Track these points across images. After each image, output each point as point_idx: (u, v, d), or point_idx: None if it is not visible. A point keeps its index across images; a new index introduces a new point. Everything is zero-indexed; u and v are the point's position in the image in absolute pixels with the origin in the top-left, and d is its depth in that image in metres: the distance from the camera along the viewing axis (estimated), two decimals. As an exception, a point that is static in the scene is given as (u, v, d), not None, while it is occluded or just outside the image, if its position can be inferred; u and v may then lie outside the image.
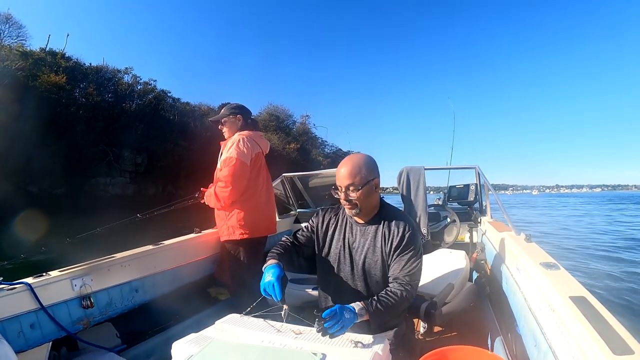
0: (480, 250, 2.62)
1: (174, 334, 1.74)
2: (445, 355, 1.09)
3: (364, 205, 1.34)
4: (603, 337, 0.79)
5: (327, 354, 0.99)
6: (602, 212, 22.34)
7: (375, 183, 1.35)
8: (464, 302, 1.97)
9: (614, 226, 13.30)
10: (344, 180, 1.32)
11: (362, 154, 1.38)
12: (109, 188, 20.25)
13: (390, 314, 1.24)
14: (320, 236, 1.47)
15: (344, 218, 1.45)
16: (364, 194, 1.31)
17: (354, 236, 1.41)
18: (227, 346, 1.08)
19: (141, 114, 22.80)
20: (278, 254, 1.35)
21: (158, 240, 2.11)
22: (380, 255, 1.35)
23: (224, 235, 2.16)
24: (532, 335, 1.20)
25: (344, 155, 37.87)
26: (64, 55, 21.80)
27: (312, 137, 43.98)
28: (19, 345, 1.35)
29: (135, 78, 24.47)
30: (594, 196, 78.02)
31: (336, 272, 1.43)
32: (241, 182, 2.07)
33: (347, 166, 1.32)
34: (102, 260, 1.72)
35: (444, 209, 3.30)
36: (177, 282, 2.09)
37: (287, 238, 1.50)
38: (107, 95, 22.55)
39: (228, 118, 2.25)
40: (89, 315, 1.61)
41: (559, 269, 1.28)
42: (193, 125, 25.21)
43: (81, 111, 19.53)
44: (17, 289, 1.38)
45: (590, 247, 8.32)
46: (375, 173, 1.35)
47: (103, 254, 1.80)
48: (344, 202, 1.35)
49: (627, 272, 5.83)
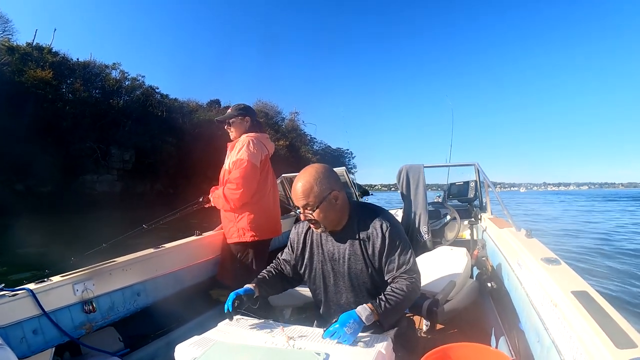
0: (481, 247, 2.62)
1: (176, 337, 1.74)
2: (448, 353, 1.09)
3: (327, 222, 1.29)
4: (606, 331, 0.79)
5: (331, 354, 0.99)
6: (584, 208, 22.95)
7: (334, 196, 1.27)
8: (466, 299, 1.97)
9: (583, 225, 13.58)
10: (298, 200, 1.27)
11: (314, 166, 1.30)
12: (96, 186, 19.88)
13: (400, 310, 1.24)
14: (298, 253, 1.43)
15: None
16: (324, 211, 1.25)
17: (333, 247, 1.35)
18: (231, 348, 1.08)
19: (129, 110, 22.51)
20: (261, 279, 1.40)
21: (156, 243, 2.10)
22: (363, 262, 1.30)
23: (233, 237, 2.14)
24: (535, 331, 1.20)
25: (332, 152, 37.73)
26: (51, 50, 21.47)
27: (301, 133, 43.98)
28: (22, 352, 1.35)
29: (123, 74, 24.11)
30: (579, 194, 79.98)
31: (323, 286, 1.40)
32: (252, 184, 2.07)
33: (299, 186, 1.25)
34: (103, 265, 1.72)
35: (444, 207, 3.30)
36: (179, 285, 2.09)
37: (274, 264, 1.51)
38: (94, 91, 22.26)
39: (236, 119, 2.23)
40: (91, 320, 1.60)
41: (560, 264, 1.28)
42: (181, 121, 25.02)
43: (68, 107, 19.25)
44: (19, 295, 1.38)
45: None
46: (331, 185, 1.26)
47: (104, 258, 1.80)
48: (307, 221, 1.32)
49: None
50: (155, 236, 2.47)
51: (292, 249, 1.47)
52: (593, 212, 20.10)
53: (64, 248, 3.66)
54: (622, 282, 4.95)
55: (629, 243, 8.37)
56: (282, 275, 1.47)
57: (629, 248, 7.65)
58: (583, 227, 11.82)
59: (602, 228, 11.70)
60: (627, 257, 6.64)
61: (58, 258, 1.98)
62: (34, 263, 5.83)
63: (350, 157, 51.26)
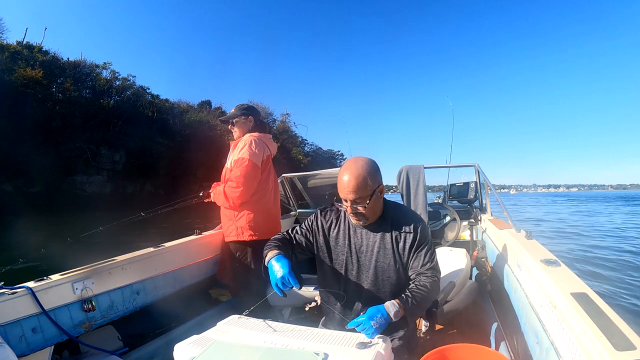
0: (480, 248, 2.62)
1: (175, 336, 1.74)
2: (447, 354, 1.09)
3: (371, 214, 1.30)
4: (605, 333, 0.79)
5: (330, 354, 0.99)
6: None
7: (381, 190, 1.30)
8: (466, 300, 1.97)
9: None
10: (349, 194, 1.24)
11: (363, 160, 1.29)
12: (86, 187, 19.64)
13: (424, 307, 1.25)
14: (320, 241, 1.41)
15: (346, 220, 1.40)
16: (372, 205, 1.27)
17: (360, 239, 1.36)
18: (229, 347, 1.08)
19: (119, 110, 22.24)
20: (277, 245, 1.32)
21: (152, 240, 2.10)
22: (392, 257, 1.31)
23: (232, 235, 2.14)
24: (534, 332, 1.20)
25: (323, 153, 37.32)
26: (41, 49, 21.22)
27: (292, 135, 43.65)
28: (21, 350, 1.35)
29: (114, 73, 23.88)
30: (566, 195, 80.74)
31: (344, 277, 1.38)
32: (252, 184, 2.07)
33: (351, 180, 1.24)
34: (103, 263, 1.72)
35: (444, 208, 3.30)
36: (179, 284, 2.09)
37: (285, 233, 1.44)
38: (84, 91, 21.98)
39: (239, 119, 2.24)
40: (90, 319, 1.60)
41: (560, 265, 1.28)
42: (172, 122, 24.78)
43: (58, 107, 19.00)
44: (19, 293, 1.38)
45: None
46: (379, 179, 1.29)
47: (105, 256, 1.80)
48: (350, 214, 1.31)
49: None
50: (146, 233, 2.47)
51: (309, 231, 1.43)
52: (596, 214, 20.11)
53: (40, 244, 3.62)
54: (622, 282, 4.96)
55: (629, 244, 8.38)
56: (293, 248, 1.41)
57: (628, 249, 7.66)
58: (584, 229, 11.84)
59: (604, 229, 11.72)
60: (627, 257, 6.66)
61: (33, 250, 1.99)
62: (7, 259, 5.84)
63: (341, 158, 50.92)
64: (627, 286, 4.87)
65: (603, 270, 5.71)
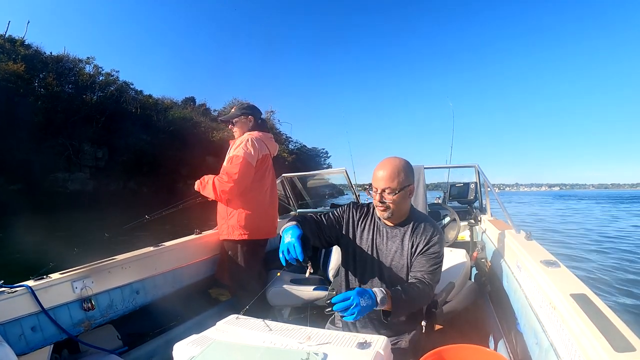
0: (480, 249, 2.62)
1: (175, 336, 1.74)
2: (446, 354, 1.09)
3: (396, 209, 1.34)
4: (604, 334, 0.79)
5: (329, 354, 0.99)
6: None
7: (411, 189, 1.36)
8: (465, 301, 1.97)
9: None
10: (382, 182, 1.32)
11: (402, 158, 1.37)
12: (68, 184, 18.95)
13: (411, 307, 1.26)
14: (348, 231, 1.46)
15: (373, 218, 1.45)
16: (399, 199, 1.32)
17: (382, 238, 1.41)
18: (229, 347, 1.08)
19: (102, 106, 21.69)
20: (297, 219, 1.34)
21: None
22: (406, 260, 1.36)
23: (224, 234, 2.16)
24: (533, 333, 1.20)
25: (308, 151, 37.29)
26: (24, 42, 20.72)
27: (277, 133, 42.66)
28: (21, 348, 1.35)
29: (97, 68, 23.39)
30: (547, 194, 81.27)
31: (361, 270, 1.43)
32: (243, 181, 2.06)
33: (387, 169, 1.32)
34: (102, 262, 1.72)
35: (444, 208, 3.30)
36: (178, 284, 2.09)
37: (313, 215, 1.46)
38: (67, 86, 21.38)
39: (239, 118, 2.24)
40: (90, 318, 1.60)
41: (560, 266, 1.28)
42: (156, 118, 24.28)
43: (40, 102, 18.43)
44: (18, 291, 1.38)
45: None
46: (411, 179, 1.35)
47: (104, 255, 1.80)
48: (377, 204, 1.35)
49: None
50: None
51: (338, 220, 1.47)
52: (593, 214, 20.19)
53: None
54: (621, 283, 4.96)
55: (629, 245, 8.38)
56: (319, 229, 1.43)
57: (628, 249, 7.66)
58: (579, 230, 11.86)
59: (603, 230, 11.73)
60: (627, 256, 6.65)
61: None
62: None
63: (325, 157, 50.72)
64: (628, 285, 4.88)
65: (603, 271, 5.72)
